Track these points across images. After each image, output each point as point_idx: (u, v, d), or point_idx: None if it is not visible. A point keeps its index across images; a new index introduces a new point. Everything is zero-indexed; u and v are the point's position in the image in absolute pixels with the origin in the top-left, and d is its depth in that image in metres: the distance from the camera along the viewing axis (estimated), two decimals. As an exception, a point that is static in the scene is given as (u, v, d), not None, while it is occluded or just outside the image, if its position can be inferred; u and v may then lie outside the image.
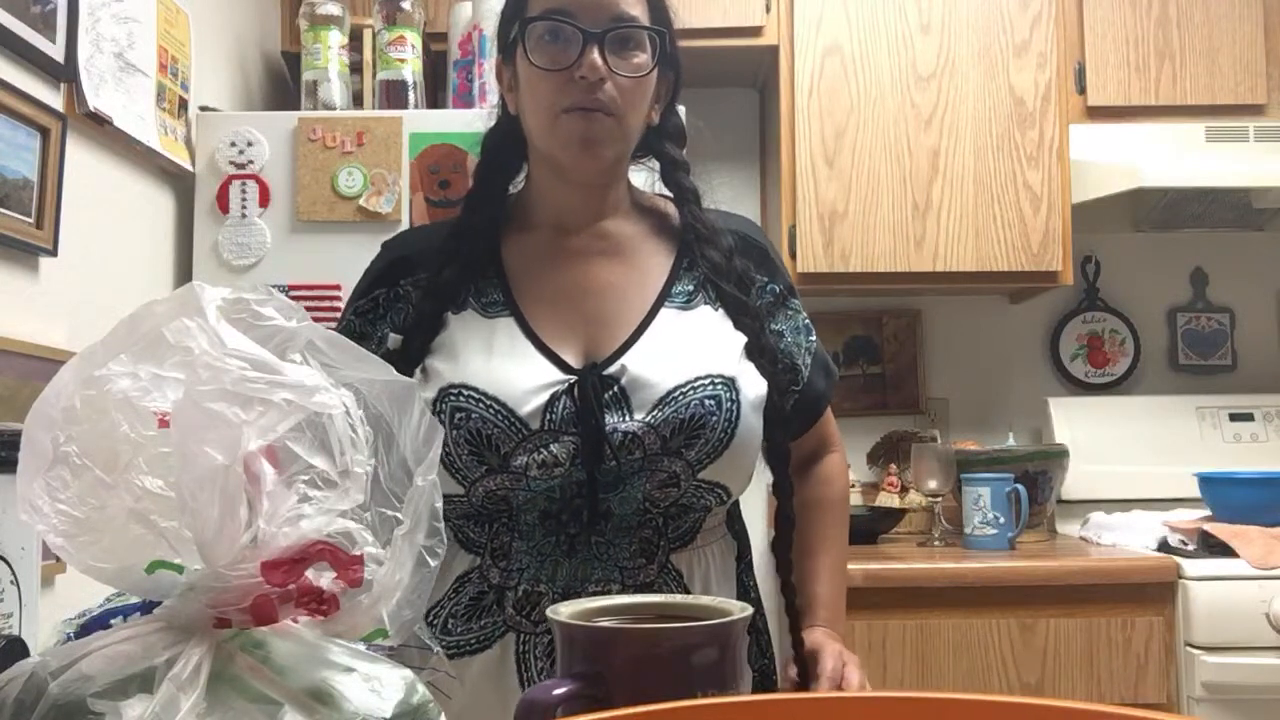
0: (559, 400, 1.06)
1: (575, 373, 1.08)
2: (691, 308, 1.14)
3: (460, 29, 2.37)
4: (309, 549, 0.51)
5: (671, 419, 1.06)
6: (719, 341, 1.12)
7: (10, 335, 1.55)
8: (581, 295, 1.14)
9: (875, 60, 2.48)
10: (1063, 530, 2.62)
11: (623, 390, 1.07)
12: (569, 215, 1.17)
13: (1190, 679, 2.05)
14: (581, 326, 1.12)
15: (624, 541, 1.09)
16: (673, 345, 1.11)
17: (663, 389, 1.07)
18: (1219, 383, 2.84)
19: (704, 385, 1.07)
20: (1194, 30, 2.51)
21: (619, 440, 1.06)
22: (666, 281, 1.16)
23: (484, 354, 1.09)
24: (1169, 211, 2.67)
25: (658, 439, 1.06)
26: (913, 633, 2.08)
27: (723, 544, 1.17)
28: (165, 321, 0.53)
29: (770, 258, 1.23)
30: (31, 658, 0.51)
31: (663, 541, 1.10)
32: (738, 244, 1.18)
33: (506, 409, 1.05)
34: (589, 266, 1.16)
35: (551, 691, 0.56)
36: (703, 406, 1.06)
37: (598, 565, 1.08)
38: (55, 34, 1.68)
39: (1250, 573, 2.06)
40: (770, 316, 1.19)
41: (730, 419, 1.07)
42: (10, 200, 1.57)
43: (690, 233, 1.18)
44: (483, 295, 1.14)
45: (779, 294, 1.21)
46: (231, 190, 2.14)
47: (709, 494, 1.10)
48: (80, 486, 0.52)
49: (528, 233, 1.18)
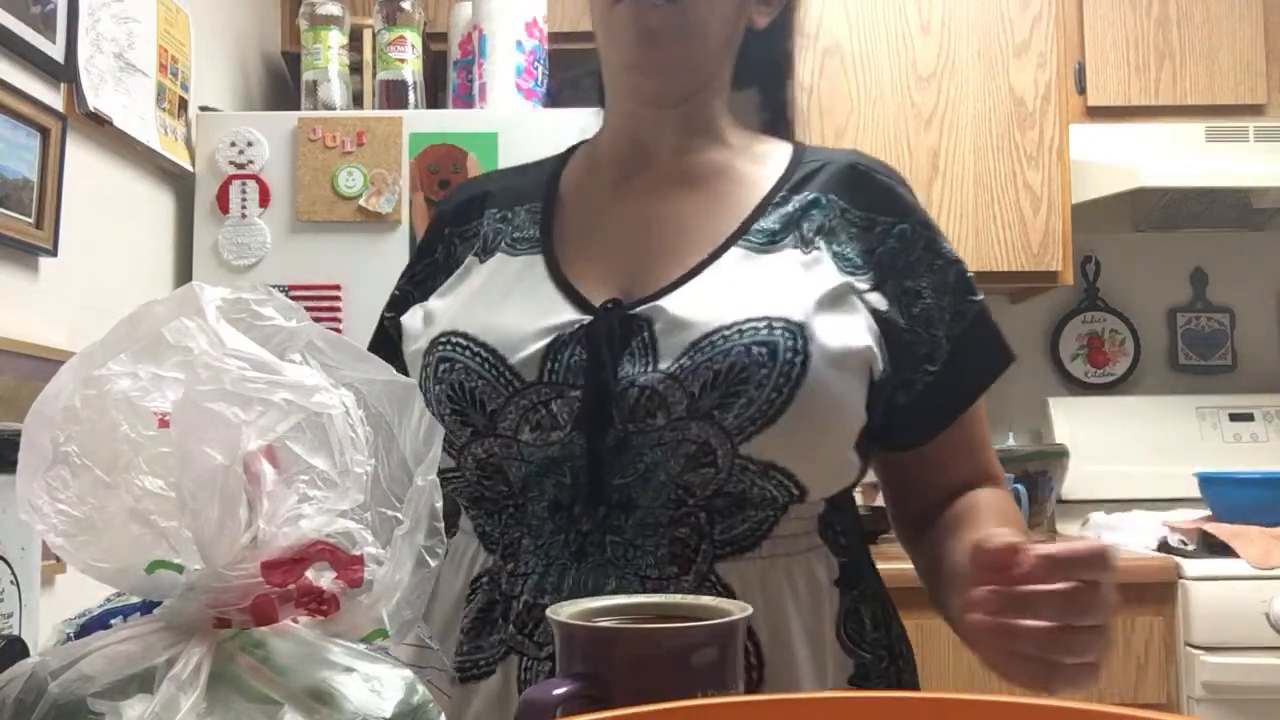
0: (565, 347, 0.85)
1: (593, 312, 0.86)
2: (772, 249, 0.89)
3: (460, 29, 2.37)
4: (309, 549, 0.51)
5: (703, 368, 0.81)
6: (798, 284, 0.86)
7: (10, 335, 1.55)
8: (636, 230, 0.93)
9: (875, 60, 2.48)
10: (1063, 530, 2.62)
11: (653, 337, 0.84)
12: (643, 139, 0.96)
13: (1190, 679, 2.05)
14: (628, 265, 0.90)
15: (649, 543, 0.83)
16: (733, 288, 0.86)
17: (699, 333, 0.82)
18: (1219, 383, 2.84)
19: (757, 329, 0.82)
20: (1194, 30, 2.51)
21: (634, 397, 0.82)
22: (749, 217, 0.91)
23: (493, 296, 0.91)
24: (1169, 211, 2.67)
25: (683, 395, 0.81)
26: (913, 633, 2.07)
27: (812, 560, 0.87)
28: (165, 321, 0.53)
29: (898, 193, 0.94)
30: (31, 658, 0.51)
31: (705, 545, 0.84)
32: (852, 176, 0.93)
33: (496, 356, 0.85)
34: (655, 199, 0.94)
35: (551, 691, 0.56)
36: (748, 355, 0.80)
37: (613, 573, 0.83)
38: (55, 34, 1.68)
39: (1250, 573, 2.06)
40: (899, 269, 0.91)
41: (790, 375, 0.80)
42: (10, 200, 1.57)
43: (795, 163, 0.95)
44: (517, 231, 0.96)
45: (909, 236, 0.91)
46: (231, 190, 2.14)
47: (765, 481, 0.83)
48: (80, 486, 0.52)
49: (594, 164, 1.00)
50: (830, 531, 0.89)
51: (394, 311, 1.02)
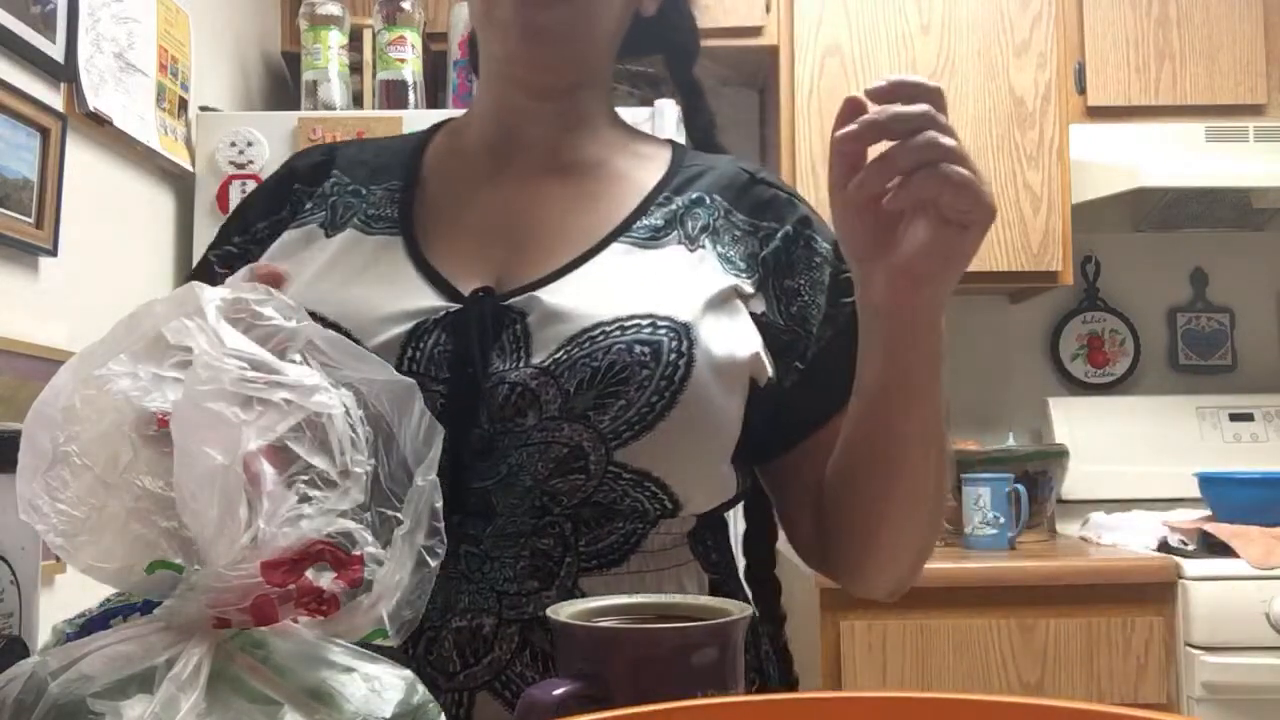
0: (428, 335, 0.78)
1: (460, 300, 0.80)
2: (656, 245, 0.84)
3: (460, 29, 2.37)
4: (309, 549, 0.51)
5: (581, 365, 0.75)
6: (684, 282, 0.82)
7: (10, 335, 1.55)
8: (508, 218, 0.87)
9: (875, 60, 2.48)
10: (1063, 530, 2.62)
11: (525, 329, 0.78)
12: (515, 128, 0.90)
13: (1190, 679, 2.05)
14: (499, 254, 0.84)
15: (508, 554, 0.77)
16: (616, 282, 0.81)
17: (578, 327, 0.77)
18: (1219, 383, 2.84)
19: (640, 326, 0.77)
20: (1194, 30, 2.51)
21: (503, 394, 0.76)
22: (631, 214, 0.86)
23: (344, 274, 0.83)
24: (1169, 211, 2.67)
25: (558, 393, 0.75)
26: (913, 633, 2.08)
27: (682, 575, 0.83)
28: (164, 321, 0.53)
29: (782, 199, 0.90)
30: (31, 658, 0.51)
31: (569, 558, 0.78)
32: (737, 181, 0.90)
33: (350, 340, 0.79)
34: (529, 185, 0.89)
35: (551, 691, 0.56)
36: (630, 353, 0.76)
37: (466, 588, 0.76)
38: (55, 34, 1.68)
39: (1250, 573, 2.06)
40: (780, 268, 0.87)
41: (672, 378, 0.76)
42: (10, 200, 1.57)
43: (676, 164, 0.91)
44: (372, 208, 0.88)
45: (791, 236, 0.88)
46: (232, 190, 2.14)
47: (638, 492, 0.78)
48: (80, 486, 0.52)
49: (460, 147, 0.93)
50: (701, 546, 0.85)
51: (226, 267, 0.90)
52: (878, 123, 0.68)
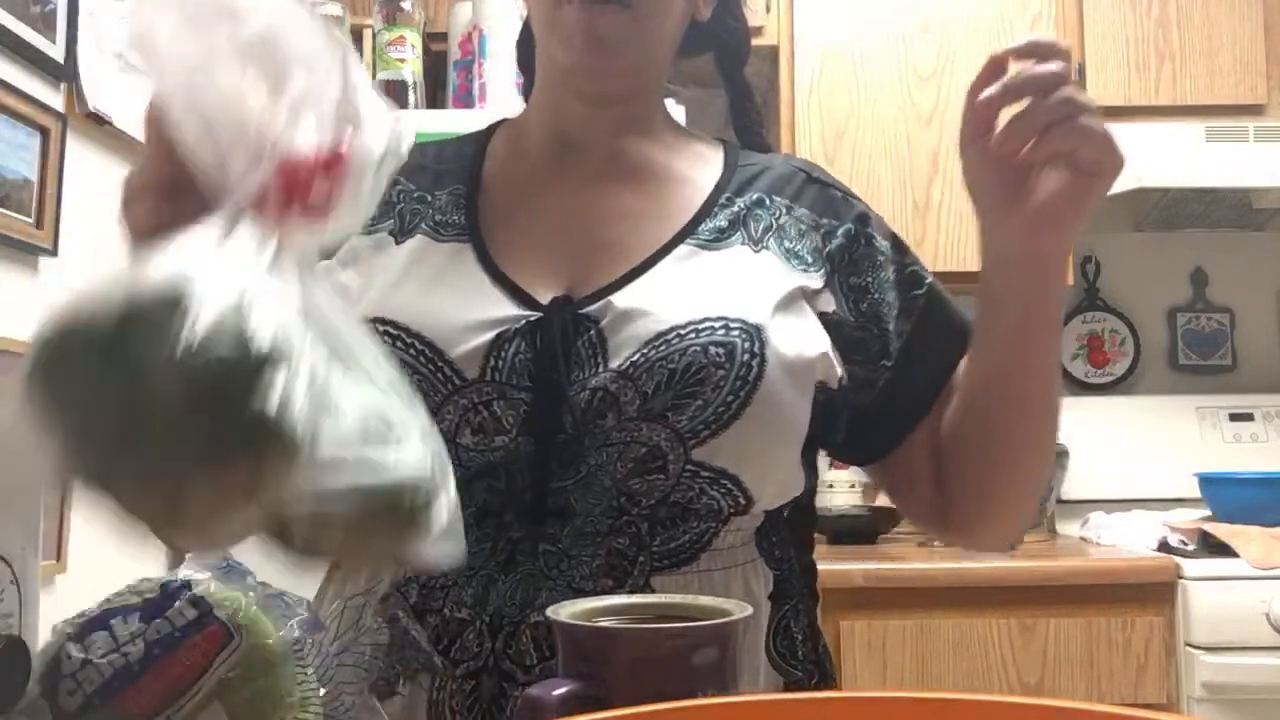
0: (510, 343, 0.79)
1: (541, 309, 0.82)
2: (721, 245, 0.86)
3: (460, 29, 2.37)
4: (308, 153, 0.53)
5: (658, 367, 0.78)
6: (752, 284, 0.84)
7: (10, 335, 1.55)
8: (575, 224, 0.88)
9: (875, 60, 2.48)
10: (1063, 530, 2.62)
11: (600, 334, 0.80)
12: (573, 134, 0.92)
13: (1190, 679, 2.05)
14: (569, 260, 0.86)
15: (585, 553, 0.80)
16: (686, 285, 0.83)
17: (653, 330, 0.79)
18: (1219, 383, 2.84)
19: (713, 329, 0.79)
20: (1194, 30, 2.51)
21: (586, 399, 0.78)
22: (695, 215, 0.88)
23: (421, 283, 0.84)
24: (1169, 211, 2.67)
25: (636, 395, 0.78)
26: (913, 633, 2.08)
27: (748, 573, 0.85)
28: None
29: (839, 195, 0.93)
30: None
31: (643, 557, 0.80)
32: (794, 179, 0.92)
33: (433, 350, 0.79)
34: (593, 190, 0.90)
35: (551, 691, 0.56)
36: (705, 355, 0.78)
37: (544, 584, 0.79)
38: (55, 34, 1.68)
39: (1250, 573, 2.06)
40: (846, 266, 0.89)
41: (746, 378, 0.78)
42: (10, 200, 1.57)
43: (730, 165, 0.93)
44: (439, 214, 0.89)
45: (853, 234, 0.90)
46: (231, 190, 2.14)
47: (714, 490, 0.80)
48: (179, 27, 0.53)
49: (519, 151, 0.95)
50: (766, 543, 0.87)
51: None
52: (1016, 85, 0.74)
